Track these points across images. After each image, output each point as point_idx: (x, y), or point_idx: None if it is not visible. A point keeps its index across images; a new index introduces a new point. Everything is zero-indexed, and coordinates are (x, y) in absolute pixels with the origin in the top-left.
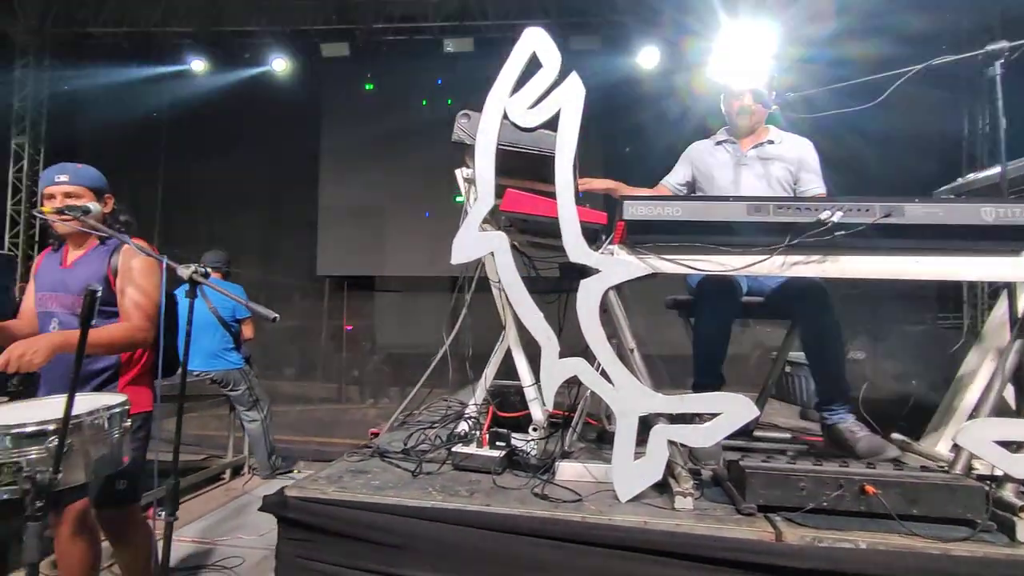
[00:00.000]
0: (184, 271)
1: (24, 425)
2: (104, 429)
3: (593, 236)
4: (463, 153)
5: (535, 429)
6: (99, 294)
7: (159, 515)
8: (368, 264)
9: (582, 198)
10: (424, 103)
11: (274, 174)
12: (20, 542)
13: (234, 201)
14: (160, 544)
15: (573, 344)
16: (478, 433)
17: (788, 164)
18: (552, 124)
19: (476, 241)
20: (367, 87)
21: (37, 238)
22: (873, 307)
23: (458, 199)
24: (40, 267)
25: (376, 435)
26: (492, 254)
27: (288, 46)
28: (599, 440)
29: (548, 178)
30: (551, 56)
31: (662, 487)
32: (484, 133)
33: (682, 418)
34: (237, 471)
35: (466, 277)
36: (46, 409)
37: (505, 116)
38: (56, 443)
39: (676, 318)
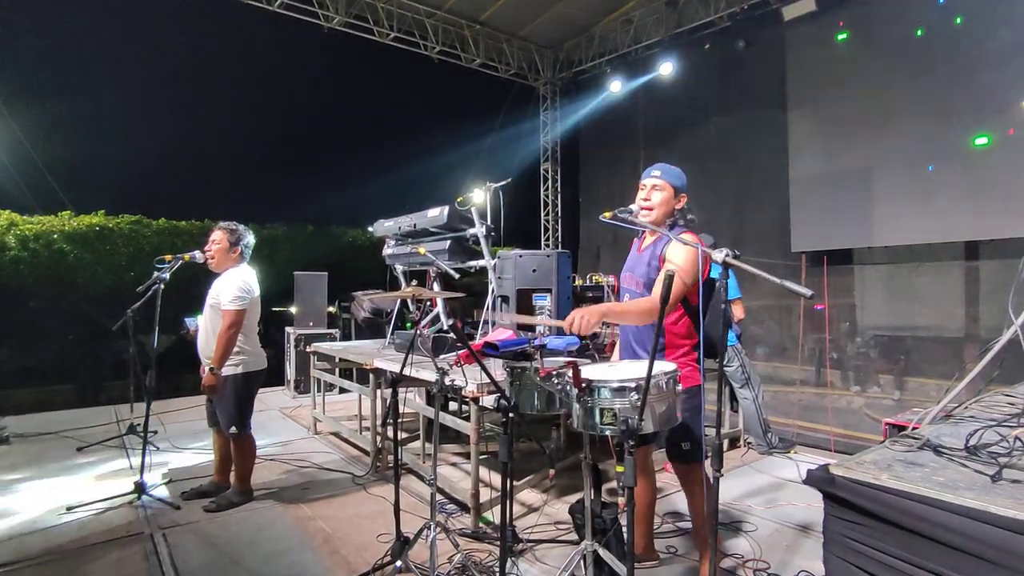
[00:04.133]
0: (718, 255)
1: (611, 382)
2: (663, 390)
3: None
4: None
5: None
6: (673, 278)
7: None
8: (851, 236)
9: None
10: (919, 33)
11: (742, 153)
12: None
13: (705, 185)
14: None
15: None
16: None
17: None
18: None
19: None
20: (838, 38)
21: (561, 239)
22: None
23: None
24: (630, 253)
25: (902, 428)
26: None
27: (745, 23)
28: None
29: None
30: None
31: None
32: None
33: None
34: (734, 442)
35: None
36: (623, 370)
37: None
38: (638, 397)
39: None
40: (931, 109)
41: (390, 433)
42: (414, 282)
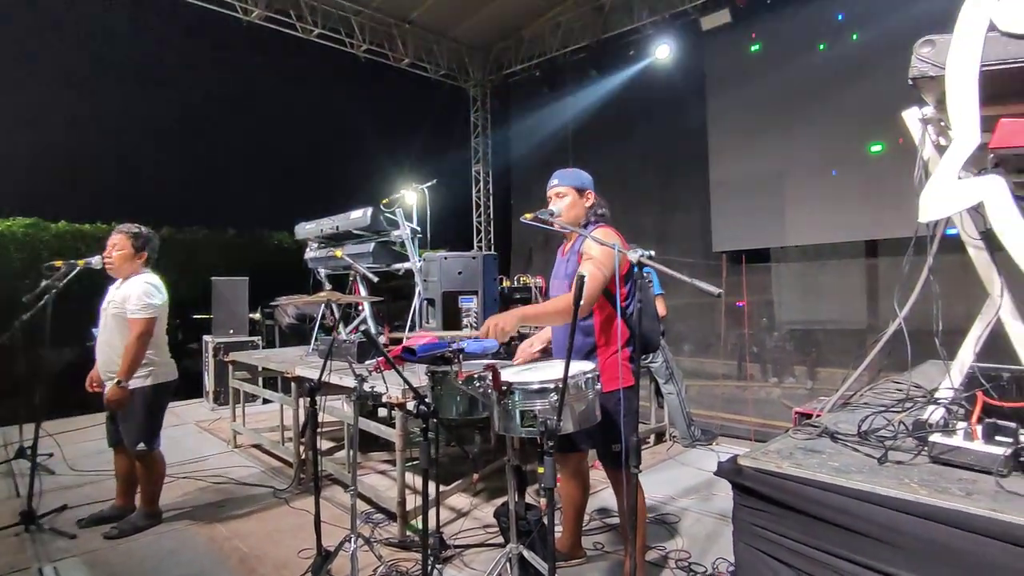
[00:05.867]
0: (633, 255)
1: (531, 384)
2: (582, 390)
3: None
4: (922, 90)
5: None
6: (584, 279)
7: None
8: (766, 236)
9: None
10: (821, 48)
11: (665, 157)
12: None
13: (630, 188)
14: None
15: None
16: (963, 424)
17: None
18: None
19: (957, 191)
20: (752, 49)
21: (493, 241)
22: None
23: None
24: (557, 256)
25: (808, 416)
26: (980, 204)
27: (668, 30)
28: None
29: None
30: None
31: None
32: (962, 54)
33: None
34: (660, 437)
35: (926, 237)
36: (543, 372)
37: (992, 28)
38: (556, 398)
39: None
40: (833, 118)
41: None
42: (327, 286)
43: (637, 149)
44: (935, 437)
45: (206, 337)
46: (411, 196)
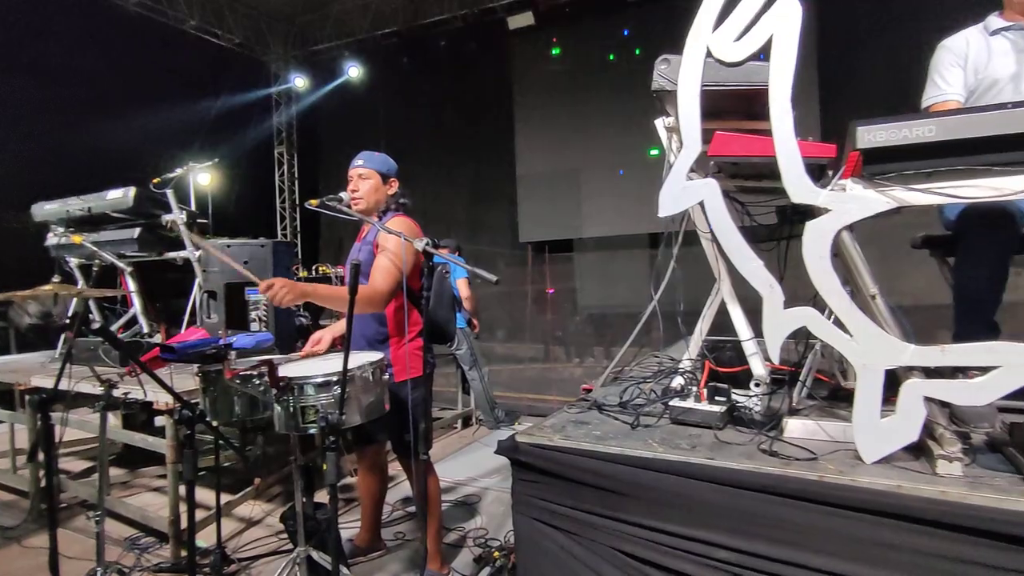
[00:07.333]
0: (418, 244)
1: (315, 377)
2: (370, 381)
3: (818, 173)
4: (663, 102)
5: (757, 384)
6: (360, 267)
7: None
8: (566, 228)
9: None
10: (611, 58)
11: (476, 150)
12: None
13: (442, 180)
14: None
15: (796, 295)
16: (695, 388)
17: None
18: (760, 55)
19: (684, 192)
20: (554, 52)
21: (299, 228)
22: None
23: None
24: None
25: (589, 390)
26: (702, 204)
27: (477, 26)
28: (832, 398)
29: (759, 115)
30: None
31: (917, 450)
32: (687, 75)
33: (939, 373)
34: (466, 422)
35: (672, 232)
36: (329, 363)
37: (709, 54)
38: (339, 391)
39: (920, 262)
40: (620, 122)
41: (63, 465)
42: (56, 278)
43: (450, 141)
44: (674, 401)
45: None
46: (202, 176)
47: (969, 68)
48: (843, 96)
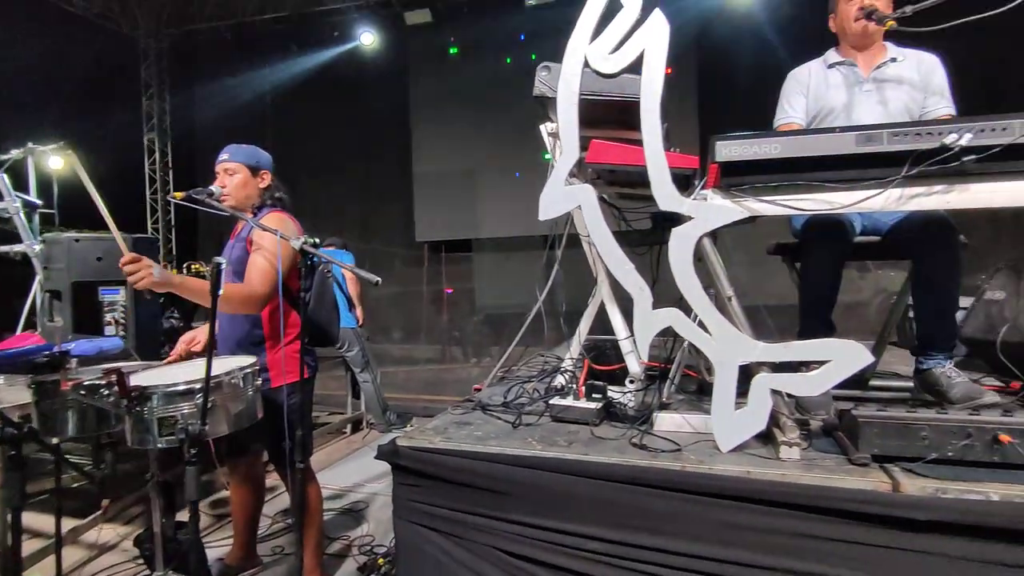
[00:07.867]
0: (295, 243)
1: (176, 384)
2: (240, 387)
3: (685, 182)
4: (546, 108)
5: (631, 381)
6: (223, 267)
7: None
8: (464, 228)
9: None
10: (508, 61)
11: (370, 147)
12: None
13: (335, 176)
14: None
15: (670, 296)
16: (574, 386)
17: (913, 87)
18: (637, 68)
19: (563, 196)
20: (451, 51)
21: (174, 222)
22: (1016, 239)
23: (546, 156)
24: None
25: (479, 390)
26: (580, 208)
27: (373, 18)
28: (699, 392)
29: (635, 125)
30: None
31: (766, 438)
32: (565, 84)
33: (786, 367)
34: (357, 426)
35: (556, 234)
36: (193, 369)
37: (586, 64)
38: (202, 399)
39: (781, 265)
40: (516, 126)
41: None
42: None
43: (343, 135)
44: (554, 400)
45: None
46: (54, 161)
47: (811, 96)
48: (719, 109)
